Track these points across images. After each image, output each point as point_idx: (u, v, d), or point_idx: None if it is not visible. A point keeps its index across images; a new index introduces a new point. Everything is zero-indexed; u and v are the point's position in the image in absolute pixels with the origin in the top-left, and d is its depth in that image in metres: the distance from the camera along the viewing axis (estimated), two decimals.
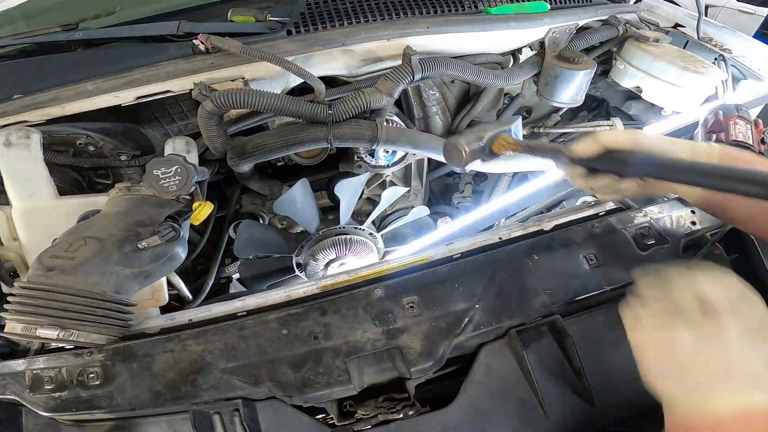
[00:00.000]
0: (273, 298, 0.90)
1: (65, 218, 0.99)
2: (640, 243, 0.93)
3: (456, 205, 1.76)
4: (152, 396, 0.78)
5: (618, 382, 0.82)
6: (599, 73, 1.52)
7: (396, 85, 1.10)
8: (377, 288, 0.87)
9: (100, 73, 1.06)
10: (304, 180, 1.23)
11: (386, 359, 0.80)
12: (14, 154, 0.98)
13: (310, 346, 0.81)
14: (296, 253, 1.33)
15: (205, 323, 0.87)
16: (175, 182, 0.91)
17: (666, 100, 1.35)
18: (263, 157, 1.14)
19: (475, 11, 1.31)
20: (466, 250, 0.95)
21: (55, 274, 0.75)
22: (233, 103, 1.00)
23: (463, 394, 0.80)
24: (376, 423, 0.78)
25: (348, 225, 1.33)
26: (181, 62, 1.07)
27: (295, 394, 0.77)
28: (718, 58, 1.40)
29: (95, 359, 0.82)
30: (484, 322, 0.84)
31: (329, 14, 1.19)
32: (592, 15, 1.41)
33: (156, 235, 0.83)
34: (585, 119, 1.73)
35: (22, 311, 0.71)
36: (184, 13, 1.26)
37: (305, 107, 1.07)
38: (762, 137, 0.98)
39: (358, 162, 1.40)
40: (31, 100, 1.03)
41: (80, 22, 1.23)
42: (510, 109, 1.53)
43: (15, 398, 0.80)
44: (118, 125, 1.22)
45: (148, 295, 0.99)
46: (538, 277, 0.89)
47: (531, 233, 0.97)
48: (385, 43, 1.17)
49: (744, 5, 4.12)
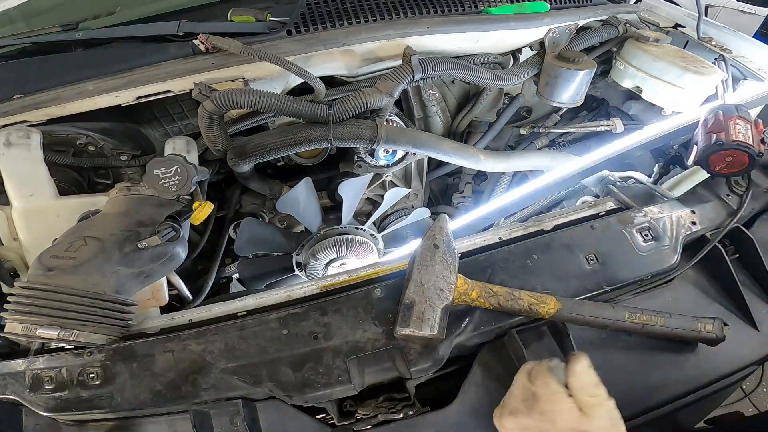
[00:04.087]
0: (273, 298, 0.90)
1: (65, 218, 0.99)
2: (640, 243, 0.93)
3: (456, 205, 1.76)
4: (152, 396, 0.78)
5: (618, 383, 0.82)
6: (599, 73, 1.52)
7: (396, 85, 1.10)
8: (377, 288, 0.87)
9: (100, 73, 1.06)
10: (308, 179, 1.23)
11: (386, 359, 0.80)
12: (14, 154, 0.98)
13: (311, 346, 0.81)
14: (297, 252, 1.33)
15: (205, 323, 0.87)
16: (175, 182, 0.91)
17: (666, 100, 1.35)
18: (263, 157, 1.14)
19: (475, 11, 1.31)
20: (466, 250, 0.95)
21: (55, 274, 0.75)
22: (233, 103, 1.00)
23: (463, 394, 0.80)
24: (376, 423, 0.78)
25: (349, 225, 1.33)
26: (182, 62, 1.07)
27: (295, 394, 0.77)
28: (718, 58, 1.40)
29: (95, 359, 0.82)
30: (484, 322, 0.84)
31: (329, 14, 1.19)
32: (592, 15, 1.41)
33: (156, 235, 0.83)
34: (585, 119, 1.73)
35: (22, 311, 0.71)
36: (184, 13, 1.26)
37: (305, 107, 1.07)
38: (762, 137, 0.98)
39: (358, 162, 1.40)
40: (32, 100, 1.03)
41: (80, 22, 1.23)
42: (510, 109, 1.53)
43: (15, 398, 0.80)
44: (119, 125, 1.22)
45: (148, 295, 0.99)
46: (538, 277, 0.89)
47: (531, 233, 0.97)
48: (385, 43, 1.17)
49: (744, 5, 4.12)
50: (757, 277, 0.96)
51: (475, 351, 0.85)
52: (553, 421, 0.61)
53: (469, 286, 0.81)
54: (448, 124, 1.54)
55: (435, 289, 0.77)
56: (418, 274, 0.79)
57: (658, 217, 0.96)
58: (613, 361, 0.84)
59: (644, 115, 1.48)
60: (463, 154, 1.36)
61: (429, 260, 0.80)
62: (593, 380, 0.62)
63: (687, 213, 0.98)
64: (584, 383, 0.61)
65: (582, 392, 0.61)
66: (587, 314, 0.80)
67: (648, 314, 0.81)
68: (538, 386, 0.64)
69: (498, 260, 0.91)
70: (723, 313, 0.91)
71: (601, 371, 0.82)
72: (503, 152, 1.56)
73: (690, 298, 0.93)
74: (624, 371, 0.84)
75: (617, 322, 0.80)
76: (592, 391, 0.61)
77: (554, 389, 0.62)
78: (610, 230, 0.95)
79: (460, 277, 0.81)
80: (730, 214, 0.99)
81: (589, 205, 1.05)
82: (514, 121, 1.71)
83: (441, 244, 0.82)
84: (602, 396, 0.62)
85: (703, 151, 1.00)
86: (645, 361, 0.85)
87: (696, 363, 0.85)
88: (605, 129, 1.53)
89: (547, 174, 1.37)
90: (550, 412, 0.61)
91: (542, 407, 0.62)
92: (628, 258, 0.92)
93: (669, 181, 1.26)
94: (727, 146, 0.96)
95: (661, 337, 0.83)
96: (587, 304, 0.81)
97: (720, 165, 0.99)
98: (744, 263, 0.98)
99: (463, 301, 0.81)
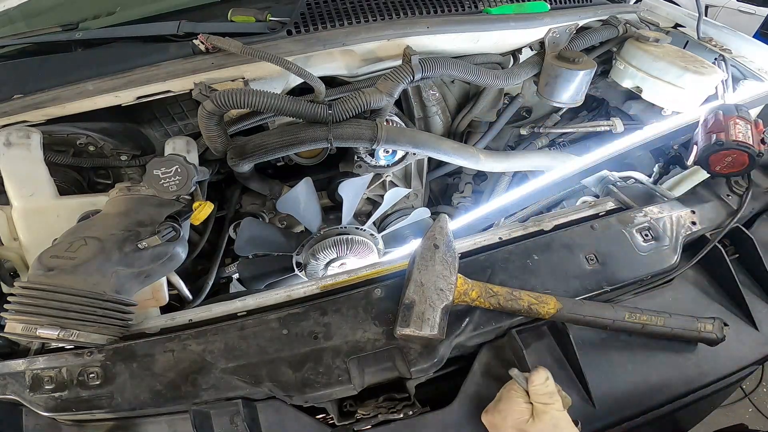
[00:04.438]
0: (273, 298, 0.90)
1: (65, 218, 0.99)
2: (640, 243, 0.93)
3: (456, 205, 1.76)
4: (152, 396, 0.78)
5: (618, 383, 0.82)
6: (599, 73, 1.52)
7: (396, 85, 1.10)
8: (377, 288, 0.87)
9: (100, 73, 1.06)
10: (308, 179, 1.23)
11: (386, 359, 0.80)
12: (14, 154, 0.98)
13: (311, 346, 0.81)
14: (297, 252, 1.33)
15: (205, 323, 0.87)
16: (176, 182, 0.91)
17: (666, 100, 1.35)
18: (263, 157, 1.14)
19: (475, 11, 1.31)
20: (466, 250, 0.95)
21: (55, 274, 0.75)
22: (233, 103, 1.00)
23: (463, 393, 0.80)
24: (376, 423, 0.78)
25: (349, 225, 1.33)
26: (182, 62, 1.07)
27: (295, 394, 0.77)
28: (718, 58, 1.40)
29: (95, 359, 0.82)
30: (484, 322, 0.84)
31: (329, 14, 1.19)
32: (592, 15, 1.41)
33: (156, 235, 0.83)
34: (585, 119, 1.73)
35: (22, 311, 0.71)
36: (184, 13, 1.26)
37: (305, 107, 1.07)
38: (762, 137, 0.98)
39: (358, 162, 1.40)
40: (32, 100, 1.03)
41: (80, 22, 1.23)
42: (510, 109, 1.53)
43: (15, 398, 0.80)
44: (119, 125, 1.22)
45: (148, 295, 0.99)
46: (538, 277, 0.89)
47: (531, 233, 0.97)
48: (385, 43, 1.17)
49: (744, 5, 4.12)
50: (757, 277, 0.96)
51: (475, 351, 0.85)
52: (505, 419, 0.71)
53: (469, 286, 0.81)
54: (448, 124, 1.54)
55: (435, 289, 0.77)
56: (418, 274, 0.79)
57: (658, 217, 0.96)
58: (613, 361, 0.84)
59: (644, 115, 1.48)
60: (463, 154, 1.36)
61: (429, 260, 0.80)
62: (547, 390, 0.70)
63: (687, 213, 0.98)
64: (538, 392, 0.70)
65: (536, 399, 0.70)
66: (587, 314, 0.80)
67: (648, 314, 0.81)
68: (504, 389, 0.75)
69: (498, 260, 0.91)
70: (723, 313, 0.91)
71: (601, 371, 0.83)
72: (503, 152, 1.56)
73: (690, 298, 0.93)
74: (624, 371, 0.84)
75: (617, 322, 0.80)
76: (544, 399, 0.70)
77: (514, 393, 0.72)
78: (610, 230, 0.95)
79: (460, 277, 0.81)
80: (730, 214, 0.99)
81: (589, 205, 1.05)
82: (514, 121, 1.71)
83: (441, 244, 0.82)
84: (553, 405, 0.70)
85: (703, 151, 1.00)
86: (645, 361, 0.85)
87: (696, 363, 0.85)
88: (605, 129, 1.53)
89: (547, 174, 1.37)
90: (505, 410, 0.72)
91: (501, 406, 0.72)
92: (628, 258, 0.92)
93: (669, 181, 1.26)
94: (727, 146, 0.96)
95: (661, 337, 0.83)
96: (587, 304, 0.81)
97: (720, 165, 0.99)
98: (744, 263, 0.98)
99: (463, 301, 0.81)
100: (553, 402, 0.70)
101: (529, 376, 0.72)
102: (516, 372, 0.73)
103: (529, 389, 0.71)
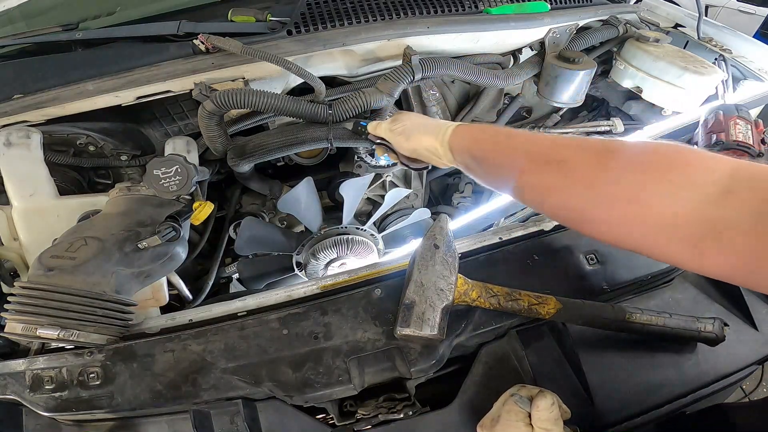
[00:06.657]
0: (273, 298, 0.90)
1: (65, 218, 0.99)
2: None
3: (456, 205, 1.76)
4: (152, 396, 0.78)
5: (618, 382, 0.83)
6: (599, 73, 1.52)
7: (396, 85, 1.10)
8: (377, 288, 0.87)
9: (100, 73, 1.06)
10: (309, 178, 1.23)
11: (386, 359, 0.80)
12: (14, 154, 0.98)
13: (311, 346, 0.81)
14: (297, 251, 1.33)
15: (205, 323, 0.87)
16: (176, 182, 0.91)
17: (666, 100, 1.35)
18: (263, 157, 1.14)
19: (475, 11, 1.31)
20: (466, 250, 0.95)
21: (55, 274, 0.75)
22: (233, 103, 1.00)
23: (463, 393, 0.80)
24: (376, 423, 0.78)
25: (350, 225, 1.33)
26: (182, 62, 1.07)
27: (295, 394, 0.77)
28: (718, 58, 1.40)
29: (95, 359, 0.82)
30: (484, 322, 0.84)
31: (329, 14, 1.19)
32: (592, 15, 1.41)
33: (156, 235, 0.83)
34: (585, 119, 1.73)
35: (22, 311, 0.71)
36: (184, 13, 1.26)
37: (305, 107, 1.07)
38: (762, 137, 0.98)
39: (359, 162, 1.40)
40: (32, 100, 1.03)
41: (80, 22, 1.23)
42: (510, 109, 1.53)
43: (15, 398, 0.80)
44: (119, 125, 1.22)
45: (148, 295, 0.99)
46: (538, 277, 0.89)
47: (531, 233, 0.97)
48: (385, 43, 1.17)
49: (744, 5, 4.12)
50: None
51: (475, 351, 0.85)
52: None
53: (470, 287, 0.81)
54: None
55: (435, 290, 0.77)
56: (418, 274, 0.79)
57: None
58: (613, 361, 0.84)
59: (644, 115, 1.48)
60: None
61: (429, 260, 0.80)
62: (551, 417, 0.67)
63: None
64: (542, 417, 0.66)
65: (538, 424, 0.67)
66: (587, 314, 0.80)
67: (648, 314, 0.81)
68: (504, 410, 0.70)
69: (498, 260, 0.91)
70: (723, 313, 0.91)
71: (601, 371, 0.83)
72: None
73: (690, 298, 0.93)
74: (624, 371, 0.84)
75: (617, 322, 0.80)
76: (548, 426, 0.66)
77: (514, 416, 0.68)
78: None
79: (461, 277, 0.81)
80: None
81: None
82: (514, 121, 1.71)
83: (441, 244, 0.82)
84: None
85: None
86: (645, 361, 0.85)
87: (696, 363, 0.85)
88: (605, 129, 1.53)
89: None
90: None
91: (499, 428, 0.69)
92: (628, 258, 0.92)
93: None
94: (727, 146, 0.96)
95: (661, 337, 0.83)
96: (587, 304, 0.81)
97: None
98: None
99: (463, 301, 0.81)
100: (557, 428, 0.66)
101: (534, 399, 0.68)
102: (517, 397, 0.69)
103: (533, 414, 0.67)
